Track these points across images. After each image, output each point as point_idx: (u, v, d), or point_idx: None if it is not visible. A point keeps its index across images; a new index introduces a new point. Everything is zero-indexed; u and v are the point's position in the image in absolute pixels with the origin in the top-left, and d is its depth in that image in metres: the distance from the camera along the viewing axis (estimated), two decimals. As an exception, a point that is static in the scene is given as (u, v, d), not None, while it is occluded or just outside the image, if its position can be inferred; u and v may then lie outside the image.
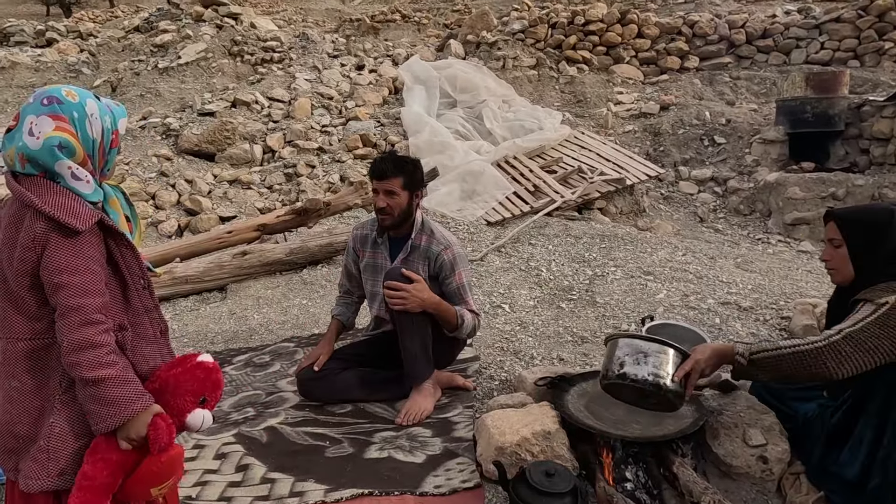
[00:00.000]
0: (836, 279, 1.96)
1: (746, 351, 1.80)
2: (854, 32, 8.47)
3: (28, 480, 1.34)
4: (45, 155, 1.33)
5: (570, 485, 1.76)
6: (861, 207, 2.05)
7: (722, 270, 4.17)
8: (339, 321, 2.75)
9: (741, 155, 7.09)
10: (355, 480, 2.04)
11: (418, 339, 2.44)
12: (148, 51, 9.58)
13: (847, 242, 1.87)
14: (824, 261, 1.99)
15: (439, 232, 2.60)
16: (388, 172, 2.46)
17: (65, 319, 1.31)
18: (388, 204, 2.47)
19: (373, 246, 2.65)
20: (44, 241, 1.31)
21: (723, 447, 2.02)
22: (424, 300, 2.37)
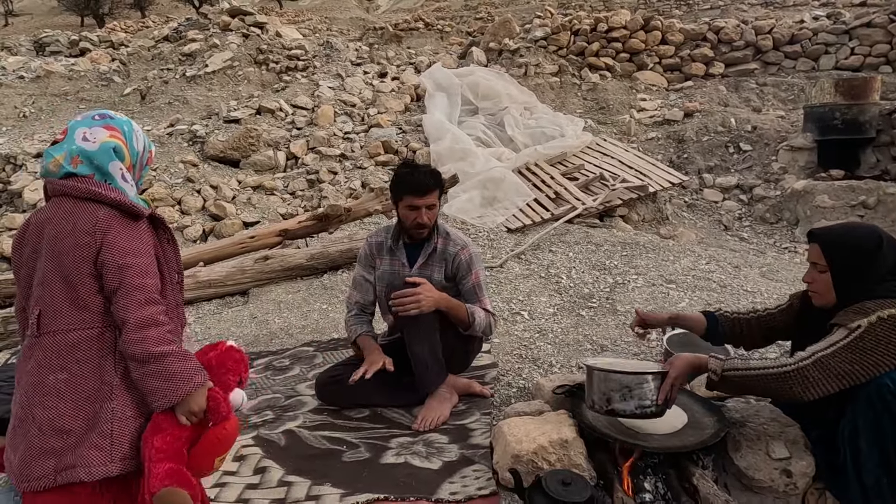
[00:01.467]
0: (817, 302, 1.92)
1: (719, 367, 1.83)
2: (886, 37, 8.27)
3: (90, 469, 1.37)
4: (102, 155, 1.48)
5: (587, 494, 1.74)
6: (847, 231, 1.92)
7: (746, 279, 4.10)
8: (368, 335, 2.62)
9: (767, 162, 6.96)
10: (371, 485, 2.04)
11: (427, 346, 2.44)
12: (176, 59, 9.80)
13: (831, 269, 1.84)
14: (806, 283, 1.95)
15: (454, 233, 2.63)
16: (430, 186, 2.45)
17: (129, 298, 1.39)
18: (423, 216, 2.46)
19: (389, 253, 2.65)
20: (105, 227, 1.42)
21: (745, 459, 1.97)
22: (437, 298, 2.40)
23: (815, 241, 1.90)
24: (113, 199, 1.45)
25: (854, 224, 2.15)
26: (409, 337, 2.45)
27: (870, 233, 1.85)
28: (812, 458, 1.93)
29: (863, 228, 1.92)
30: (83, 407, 1.41)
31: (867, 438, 1.71)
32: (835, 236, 1.89)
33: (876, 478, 1.70)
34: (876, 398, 1.69)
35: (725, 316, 2.19)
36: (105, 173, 1.49)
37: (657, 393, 1.91)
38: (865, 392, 1.71)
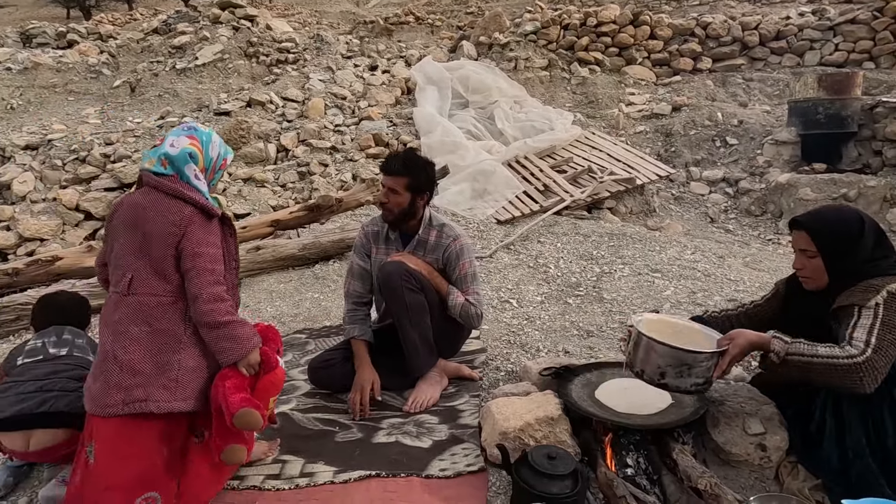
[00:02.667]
0: (810, 286, 1.96)
1: (782, 350, 1.80)
2: (869, 34, 8.42)
3: (159, 404, 1.75)
4: (180, 159, 1.89)
5: (572, 467, 1.81)
6: (830, 216, 1.96)
7: (730, 269, 4.20)
8: (363, 342, 2.60)
9: (753, 156, 7.08)
10: (364, 463, 2.11)
11: (417, 331, 2.50)
12: (166, 52, 9.76)
13: (822, 254, 1.88)
14: (796, 269, 1.99)
15: (449, 225, 2.66)
16: (394, 170, 2.51)
17: (202, 278, 1.80)
18: (389, 200, 2.53)
19: (385, 242, 2.68)
20: (188, 222, 1.83)
21: (722, 435, 2.06)
22: (419, 262, 2.52)
23: (801, 228, 1.93)
24: (194, 199, 1.85)
25: (834, 208, 2.11)
26: (399, 322, 2.51)
27: (853, 215, 1.91)
28: (786, 433, 2.02)
29: (845, 212, 1.96)
30: (156, 356, 1.79)
31: (849, 402, 1.79)
32: (822, 222, 1.92)
33: (856, 439, 1.78)
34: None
35: (714, 316, 2.22)
36: (182, 173, 1.89)
37: (713, 370, 1.89)
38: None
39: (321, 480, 2.02)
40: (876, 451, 1.78)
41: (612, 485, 1.85)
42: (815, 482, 1.89)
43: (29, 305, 3.76)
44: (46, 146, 7.05)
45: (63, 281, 4.09)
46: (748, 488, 1.97)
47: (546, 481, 1.77)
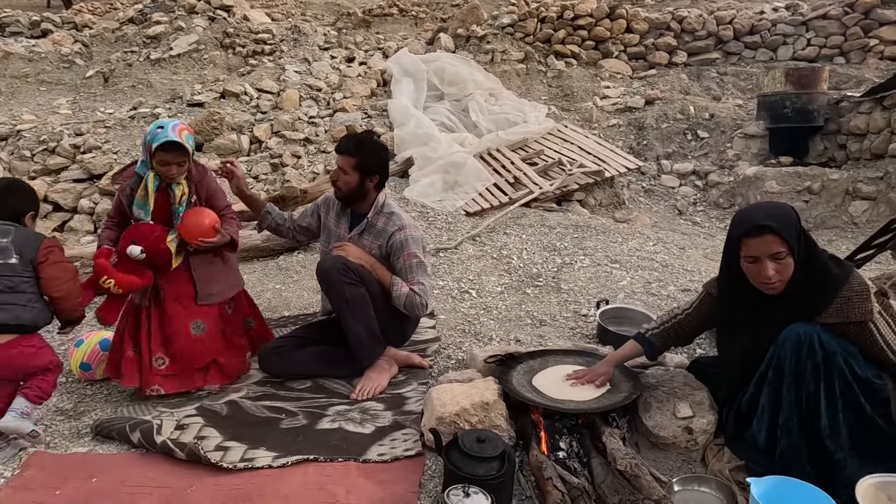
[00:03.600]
0: (779, 290, 1.83)
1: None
2: (840, 29, 8.51)
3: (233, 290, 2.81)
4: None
5: (500, 450, 1.86)
6: (778, 211, 1.86)
7: (689, 260, 4.27)
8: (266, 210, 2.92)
9: (723, 149, 7.16)
10: (304, 448, 2.15)
11: (360, 324, 2.53)
12: (140, 42, 9.64)
13: (791, 250, 1.79)
14: (767, 278, 1.80)
15: (397, 214, 2.70)
16: (345, 150, 2.63)
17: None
18: (339, 178, 2.64)
19: (337, 214, 2.80)
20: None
21: (652, 419, 2.12)
22: (359, 254, 2.58)
23: (767, 232, 1.77)
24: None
25: (770, 203, 1.98)
26: (342, 316, 2.55)
27: (783, 205, 1.93)
28: (714, 417, 2.08)
29: (780, 204, 1.94)
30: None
31: (789, 382, 1.81)
32: (783, 219, 1.81)
33: (788, 417, 1.82)
34: (805, 348, 1.77)
35: (654, 333, 2.23)
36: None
37: None
38: (794, 340, 1.79)
39: (259, 465, 2.06)
40: (805, 430, 1.83)
41: (541, 467, 1.90)
42: (737, 463, 1.95)
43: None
44: (16, 137, 6.96)
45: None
46: (675, 470, 2.04)
47: (474, 463, 1.81)
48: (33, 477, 2.06)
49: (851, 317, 1.76)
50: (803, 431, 1.83)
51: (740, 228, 1.84)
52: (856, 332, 1.79)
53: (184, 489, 1.94)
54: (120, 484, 1.99)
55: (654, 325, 2.27)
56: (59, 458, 2.19)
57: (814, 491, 1.49)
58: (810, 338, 1.78)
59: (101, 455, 2.20)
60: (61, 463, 2.14)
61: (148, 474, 2.04)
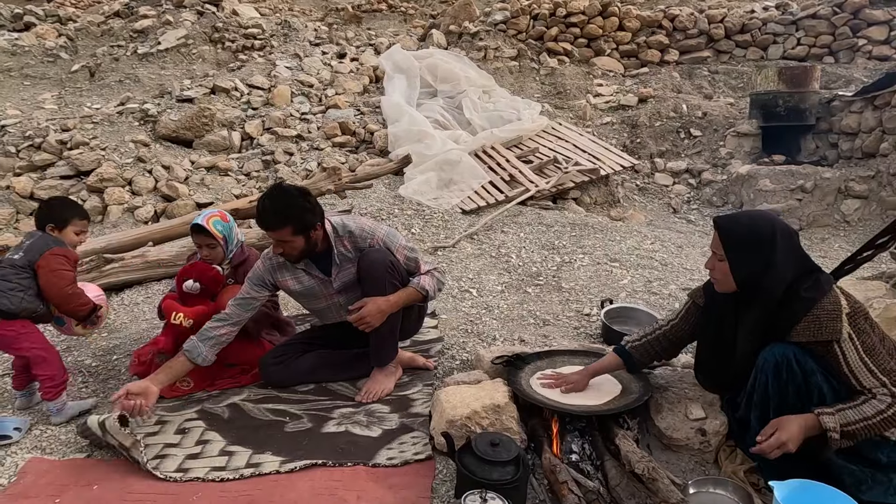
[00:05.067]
0: (718, 288, 1.93)
1: (836, 424, 1.70)
2: (829, 29, 8.60)
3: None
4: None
5: (514, 454, 1.83)
6: (744, 221, 1.89)
7: (687, 258, 4.27)
8: (185, 360, 2.36)
9: (716, 148, 7.20)
10: (311, 452, 2.10)
11: (388, 324, 2.47)
12: (127, 36, 9.47)
13: (727, 257, 1.84)
14: (708, 269, 1.96)
15: (356, 228, 2.49)
16: (272, 225, 2.30)
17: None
18: (284, 249, 2.37)
19: (292, 271, 2.50)
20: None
21: (665, 421, 2.10)
22: (383, 309, 2.38)
23: (716, 228, 1.89)
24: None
25: (753, 214, 2.00)
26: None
27: (765, 224, 1.84)
28: (726, 418, 2.07)
29: (760, 219, 1.88)
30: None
31: (775, 405, 1.81)
32: (732, 225, 1.87)
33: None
34: (785, 371, 1.78)
35: (635, 346, 2.20)
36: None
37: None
38: (773, 363, 1.80)
39: (266, 470, 2.01)
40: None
41: (555, 470, 1.87)
42: (751, 465, 1.94)
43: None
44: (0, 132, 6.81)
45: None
46: (688, 472, 2.02)
47: (488, 468, 1.78)
48: (31, 484, 2.00)
49: (818, 336, 1.74)
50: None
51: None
52: (823, 353, 1.76)
53: (188, 496, 1.89)
54: (121, 491, 1.93)
55: (636, 337, 2.22)
56: (57, 464, 2.12)
57: (837, 494, 1.48)
58: (787, 359, 1.78)
59: (101, 462, 2.14)
60: (59, 470, 2.08)
61: (150, 481, 1.98)
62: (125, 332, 3.36)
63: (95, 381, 2.83)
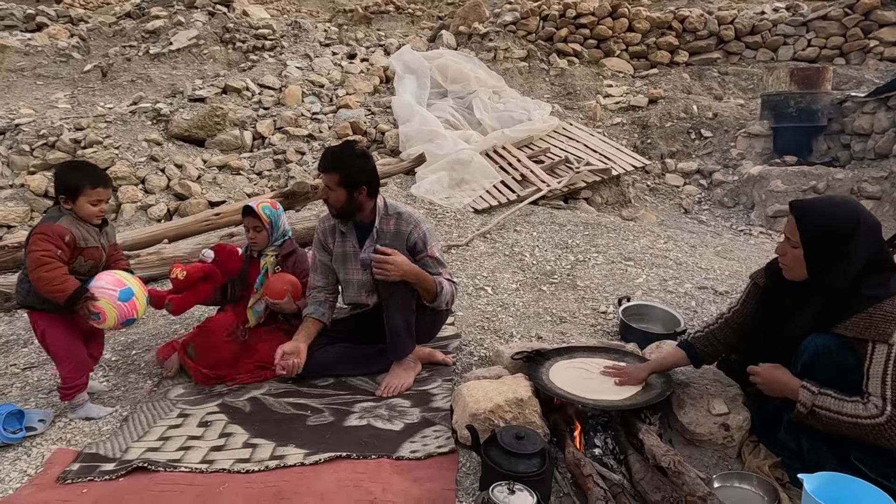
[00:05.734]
0: (787, 275, 1.87)
1: (809, 402, 1.74)
2: (840, 30, 8.57)
3: None
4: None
5: (539, 447, 1.83)
6: (824, 208, 1.80)
7: (701, 258, 4.27)
8: (313, 319, 2.64)
9: (727, 148, 7.19)
10: (334, 445, 2.11)
11: (402, 316, 2.50)
12: (139, 36, 9.53)
13: (804, 246, 1.78)
14: (777, 254, 1.91)
15: (406, 212, 2.63)
16: (325, 167, 2.52)
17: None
18: (328, 196, 2.55)
19: (340, 236, 2.68)
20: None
21: (687, 416, 2.11)
22: (405, 270, 2.43)
23: (792, 213, 1.81)
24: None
25: (836, 201, 1.85)
26: (387, 305, 2.50)
27: (849, 215, 1.74)
28: (748, 413, 2.07)
29: (843, 208, 1.78)
30: None
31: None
32: (812, 213, 1.79)
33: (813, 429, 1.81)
34: (823, 362, 1.77)
35: (697, 338, 2.17)
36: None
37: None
38: (812, 351, 1.79)
39: (291, 462, 2.02)
40: (831, 439, 1.82)
41: (579, 463, 1.88)
42: (775, 460, 1.94)
43: (-6, 291, 3.68)
44: (14, 131, 6.86)
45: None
46: (711, 467, 2.02)
47: (514, 460, 1.79)
48: (58, 474, 2.02)
49: (865, 334, 1.69)
50: (829, 441, 1.82)
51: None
52: (857, 348, 1.72)
53: (215, 487, 1.90)
54: (149, 482, 1.95)
55: (699, 329, 2.20)
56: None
57: (867, 487, 1.48)
58: (828, 351, 1.76)
59: (126, 452, 2.16)
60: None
61: (176, 473, 2.00)
62: (143, 327, 3.39)
63: (116, 375, 2.85)
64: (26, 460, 2.14)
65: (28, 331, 3.47)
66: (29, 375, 2.85)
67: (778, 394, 1.82)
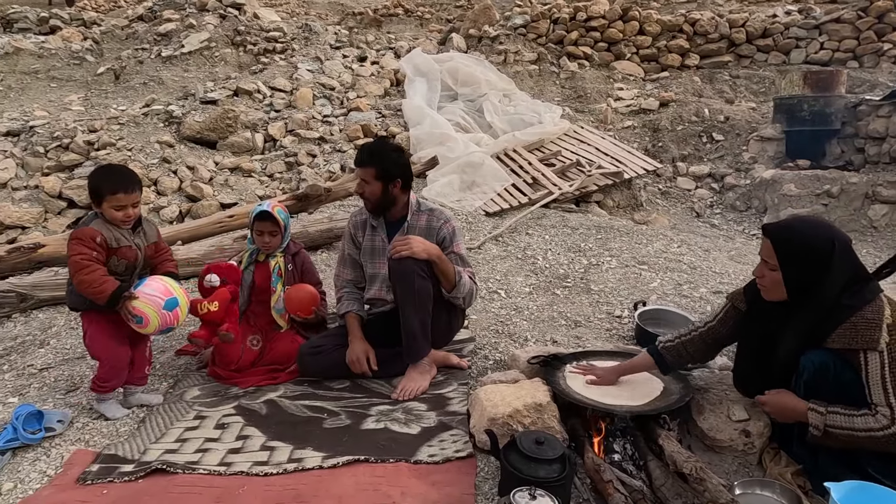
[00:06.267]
0: (766, 296, 1.90)
1: (821, 423, 1.74)
2: (853, 33, 8.51)
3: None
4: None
5: (560, 452, 1.82)
6: (799, 230, 1.84)
7: (715, 262, 4.25)
8: (356, 315, 2.73)
9: (738, 152, 7.15)
10: (352, 448, 2.11)
11: (418, 317, 2.50)
12: (151, 39, 9.60)
13: (782, 269, 1.81)
14: (756, 276, 1.93)
15: (437, 209, 2.73)
16: (362, 161, 2.59)
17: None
18: (363, 190, 2.61)
19: (370, 230, 2.74)
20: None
21: (707, 422, 2.09)
22: (427, 247, 2.45)
23: (767, 236, 1.85)
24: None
25: (810, 222, 1.90)
26: (403, 307, 2.50)
27: (824, 236, 1.79)
28: (769, 420, 2.05)
29: (818, 229, 1.83)
30: None
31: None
32: (788, 236, 1.83)
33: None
34: (821, 377, 1.79)
35: (667, 346, 2.19)
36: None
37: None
38: (811, 370, 1.80)
39: (309, 465, 2.02)
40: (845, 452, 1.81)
41: (599, 469, 1.87)
42: (796, 467, 1.92)
43: (10, 293, 3.70)
44: (28, 133, 6.91)
45: (45, 269, 4.02)
46: (732, 473, 2.00)
47: (534, 465, 1.78)
48: (77, 475, 2.03)
49: (853, 344, 1.72)
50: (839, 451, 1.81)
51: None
52: (852, 360, 1.73)
53: (234, 489, 1.90)
54: (168, 483, 1.95)
55: (670, 338, 2.21)
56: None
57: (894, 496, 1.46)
58: (826, 367, 1.77)
59: (144, 454, 2.16)
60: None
61: (195, 475, 2.00)
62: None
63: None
64: (45, 461, 2.15)
65: (44, 331, 3.50)
66: (46, 376, 2.87)
67: (789, 419, 1.85)
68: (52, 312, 3.69)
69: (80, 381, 2.77)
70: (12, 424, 2.22)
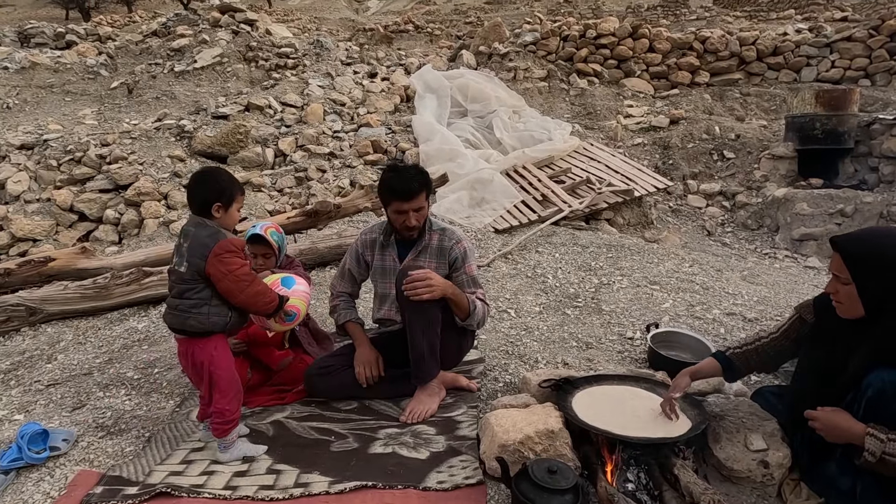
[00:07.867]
0: (843, 314, 1.80)
1: (878, 450, 1.63)
2: (865, 52, 8.50)
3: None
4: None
5: (573, 482, 1.78)
6: (869, 240, 1.76)
7: (728, 282, 4.19)
8: (356, 323, 2.73)
9: (750, 170, 7.11)
10: (359, 473, 2.07)
11: (427, 340, 2.46)
12: (165, 54, 9.73)
13: (856, 282, 1.72)
14: (828, 293, 1.83)
15: (450, 229, 2.67)
16: (416, 191, 2.45)
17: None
18: (418, 220, 2.52)
19: (381, 249, 2.70)
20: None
21: (724, 451, 2.03)
22: (444, 287, 2.41)
23: (836, 250, 1.76)
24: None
25: (882, 231, 1.82)
26: (411, 328, 2.47)
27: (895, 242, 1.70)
28: (788, 450, 1.99)
29: (890, 237, 1.74)
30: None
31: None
32: (858, 247, 1.74)
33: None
34: (888, 397, 1.68)
35: (735, 353, 2.15)
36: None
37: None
38: (878, 386, 1.69)
39: (316, 490, 1.98)
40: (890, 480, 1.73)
41: (612, 499, 1.82)
42: (818, 501, 1.86)
43: (20, 307, 3.71)
44: (42, 146, 7.00)
45: (55, 283, 4.03)
46: (750, 505, 1.94)
47: (546, 496, 1.74)
48: (81, 498, 1.99)
49: None
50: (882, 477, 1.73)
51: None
52: None
53: (239, 515, 1.87)
54: (172, 508, 1.91)
55: (737, 346, 2.18)
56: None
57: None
58: (894, 385, 1.68)
59: (149, 476, 2.13)
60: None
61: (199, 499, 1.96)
62: (165, 344, 3.38)
63: (138, 394, 2.84)
64: (49, 482, 2.13)
65: (52, 346, 3.49)
66: (53, 392, 2.85)
67: (839, 440, 1.74)
68: (60, 327, 3.69)
69: (87, 398, 2.76)
70: (17, 444, 2.20)
